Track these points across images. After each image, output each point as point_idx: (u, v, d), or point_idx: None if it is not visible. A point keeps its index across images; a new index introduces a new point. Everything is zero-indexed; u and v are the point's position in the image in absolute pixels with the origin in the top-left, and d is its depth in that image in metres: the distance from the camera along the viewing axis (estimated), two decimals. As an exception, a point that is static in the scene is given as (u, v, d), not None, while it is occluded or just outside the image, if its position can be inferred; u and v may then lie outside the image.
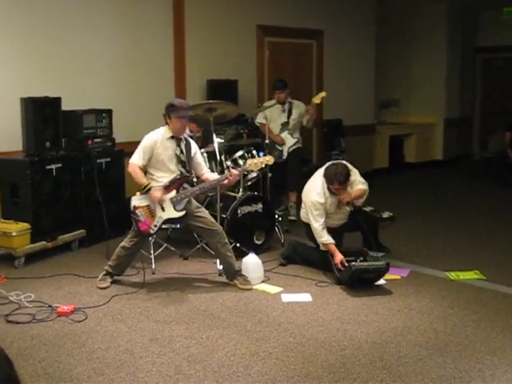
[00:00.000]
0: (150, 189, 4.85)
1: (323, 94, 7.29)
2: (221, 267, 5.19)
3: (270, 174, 6.53)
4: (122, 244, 5.06)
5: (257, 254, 5.31)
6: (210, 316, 4.37)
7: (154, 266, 5.36)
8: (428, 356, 3.71)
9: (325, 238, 5.19)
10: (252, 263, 5.10)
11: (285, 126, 7.39)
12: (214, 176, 5.19)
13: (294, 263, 5.55)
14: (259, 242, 5.88)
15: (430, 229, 6.96)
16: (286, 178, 7.22)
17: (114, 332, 4.08)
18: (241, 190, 5.96)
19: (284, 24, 8.74)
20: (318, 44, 9.38)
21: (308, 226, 5.41)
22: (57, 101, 5.93)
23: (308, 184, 5.47)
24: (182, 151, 5.03)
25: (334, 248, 5.16)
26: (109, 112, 6.37)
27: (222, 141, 6.14)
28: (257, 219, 5.86)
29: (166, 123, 5.03)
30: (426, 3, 11.30)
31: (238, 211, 5.74)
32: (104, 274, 5.07)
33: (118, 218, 6.25)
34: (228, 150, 6.22)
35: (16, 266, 5.48)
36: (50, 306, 4.48)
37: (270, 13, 8.59)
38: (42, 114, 5.77)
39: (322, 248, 5.29)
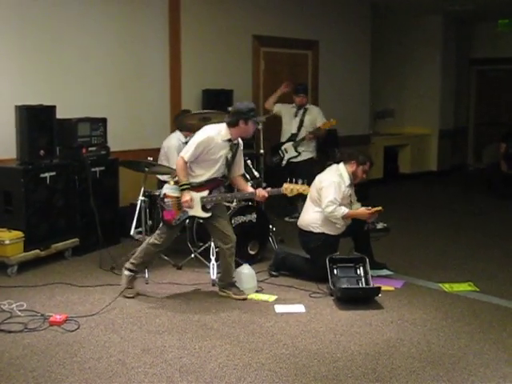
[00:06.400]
0: (185, 189, 4.76)
1: (333, 121, 7.22)
2: (214, 277, 5.18)
3: (264, 184, 6.51)
4: (152, 241, 4.91)
5: (250, 264, 5.30)
6: (202, 326, 4.35)
7: (147, 276, 5.33)
8: (421, 368, 3.71)
9: (343, 210, 5.21)
10: (246, 273, 5.10)
11: (292, 137, 7.49)
12: (244, 184, 5.07)
13: (284, 275, 5.52)
14: (253, 253, 5.87)
15: (424, 240, 6.97)
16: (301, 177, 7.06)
17: (106, 342, 4.06)
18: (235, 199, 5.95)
19: (280, 34, 8.79)
20: (313, 54, 9.42)
21: (306, 235, 5.39)
22: (51, 109, 5.92)
23: (322, 175, 5.44)
24: (233, 156, 4.90)
25: (353, 211, 5.27)
26: (103, 121, 6.37)
27: None
28: (251, 229, 5.85)
29: (234, 125, 4.78)
30: (421, 14, 11.37)
31: (232, 221, 5.72)
32: (130, 280, 4.95)
33: (112, 226, 6.23)
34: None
35: (9, 274, 5.46)
36: (42, 315, 4.46)
37: (265, 23, 8.63)
38: (36, 121, 5.75)
39: (339, 227, 5.29)
